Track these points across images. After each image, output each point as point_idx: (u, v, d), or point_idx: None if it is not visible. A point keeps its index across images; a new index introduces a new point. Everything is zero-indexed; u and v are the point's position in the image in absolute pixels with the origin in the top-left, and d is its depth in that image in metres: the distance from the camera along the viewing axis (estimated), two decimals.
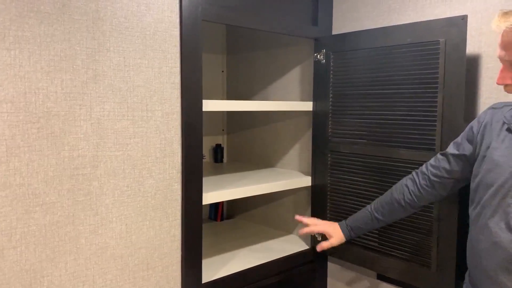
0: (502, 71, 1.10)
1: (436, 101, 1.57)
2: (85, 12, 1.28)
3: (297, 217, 1.77)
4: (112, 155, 1.37)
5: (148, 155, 1.45)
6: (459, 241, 1.52)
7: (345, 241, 1.66)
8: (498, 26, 1.07)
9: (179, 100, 1.52)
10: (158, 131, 1.47)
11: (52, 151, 1.25)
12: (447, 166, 1.35)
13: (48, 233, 1.27)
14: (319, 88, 1.99)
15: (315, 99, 2.01)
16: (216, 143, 2.65)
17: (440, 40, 1.55)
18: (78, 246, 1.32)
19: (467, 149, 1.30)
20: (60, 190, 1.28)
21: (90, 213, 1.34)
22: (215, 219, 2.57)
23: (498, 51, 1.11)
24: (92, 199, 1.34)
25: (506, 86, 1.11)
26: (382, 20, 1.88)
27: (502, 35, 1.08)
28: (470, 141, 1.29)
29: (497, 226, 1.13)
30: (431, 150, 1.59)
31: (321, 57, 1.96)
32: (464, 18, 1.49)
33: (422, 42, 1.60)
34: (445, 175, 1.36)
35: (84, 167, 1.32)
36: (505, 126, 1.17)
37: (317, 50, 1.98)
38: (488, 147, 1.20)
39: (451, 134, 1.53)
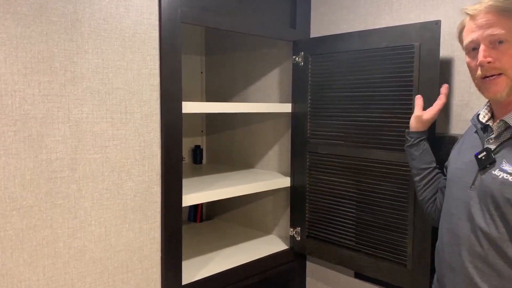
0: (484, 50, 1.09)
1: (411, 103, 1.60)
2: (63, 13, 1.27)
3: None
4: (91, 157, 1.36)
5: (127, 158, 1.45)
6: (435, 240, 1.56)
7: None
8: (474, 9, 1.10)
9: (158, 102, 1.51)
10: (137, 133, 1.47)
11: (29, 154, 1.24)
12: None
13: (26, 237, 1.25)
14: (297, 90, 2.01)
15: (294, 101, 2.04)
16: (195, 144, 2.65)
17: (415, 44, 1.59)
18: (56, 250, 1.31)
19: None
20: (38, 193, 1.26)
21: (69, 216, 1.33)
22: (194, 221, 2.57)
23: (474, 35, 1.10)
24: (70, 202, 1.33)
25: (484, 66, 1.10)
26: (359, 24, 1.92)
27: (479, 17, 1.09)
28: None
29: (458, 218, 1.17)
30: (404, 151, 1.62)
31: (300, 59, 1.98)
32: (437, 23, 1.54)
33: (397, 46, 1.64)
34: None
35: (62, 170, 1.30)
36: (474, 129, 1.24)
37: (296, 52, 2.00)
38: (458, 151, 1.28)
39: None
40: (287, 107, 2.05)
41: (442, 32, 1.60)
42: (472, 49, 1.13)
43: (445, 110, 1.65)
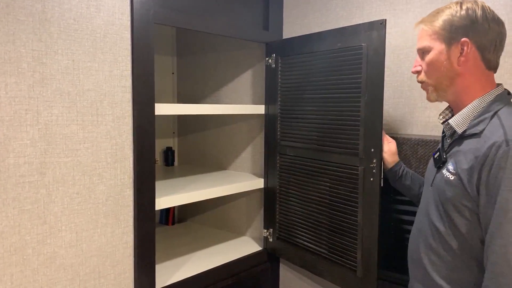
0: (416, 61, 1.25)
1: (359, 105, 1.59)
2: (31, 13, 1.23)
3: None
4: (61, 161, 1.32)
5: (99, 161, 1.42)
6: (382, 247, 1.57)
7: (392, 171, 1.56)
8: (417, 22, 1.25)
9: (130, 103, 1.49)
10: (109, 136, 1.44)
11: None
12: None
13: None
14: (270, 92, 2.02)
15: (267, 102, 2.04)
16: (167, 146, 2.62)
17: (363, 44, 1.58)
18: (24, 257, 1.27)
19: None
20: (5, 199, 1.21)
21: (38, 222, 1.28)
22: (166, 223, 2.54)
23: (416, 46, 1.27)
24: (39, 208, 1.28)
25: (418, 76, 1.25)
26: (331, 27, 1.93)
27: (418, 29, 1.25)
28: None
29: (421, 214, 1.27)
30: (355, 154, 1.62)
31: (272, 61, 1.99)
32: (382, 23, 1.52)
33: (349, 47, 1.64)
34: None
35: (31, 174, 1.26)
36: None
37: (268, 54, 2.01)
38: None
39: (371, 138, 1.56)
40: (260, 109, 2.05)
41: (411, 35, 1.64)
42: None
43: (410, 111, 1.69)
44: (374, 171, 1.55)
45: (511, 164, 0.99)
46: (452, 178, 1.12)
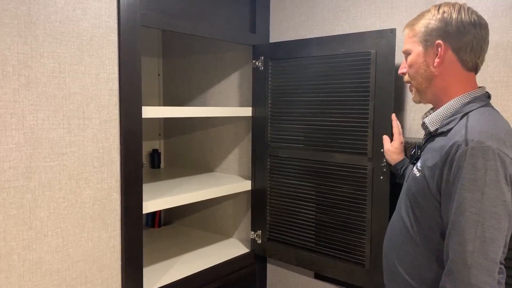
0: (402, 63, 1.27)
1: (368, 108, 1.65)
2: (16, 15, 1.21)
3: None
4: (47, 165, 1.30)
5: (85, 165, 1.40)
6: None
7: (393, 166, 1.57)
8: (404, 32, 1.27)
9: (117, 107, 1.48)
10: (96, 140, 1.42)
11: None
12: None
13: None
14: (258, 94, 2.02)
15: (254, 104, 2.05)
16: (153, 148, 2.60)
17: (371, 51, 1.64)
18: (10, 263, 1.25)
19: None
20: None
21: (23, 227, 1.27)
22: (153, 226, 2.52)
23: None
24: (25, 213, 1.27)
25: (404, 76, 1.26)
26: (317, 30, 1.95)
27: (404, 32, 1.26)
28: None
29: (396, 210, 1.29)
30: (363, 154, 1.68)
31: (259, 64, 1.99)
32: (393, 31, 1.59)
33: (355, 53, 1.69)
34: None
35: (16, 179, 1.24)
36: None
37: (256, 57, 2.01)
38: None
39: (381, 139, 1.62)
40: (247, 111, 2.06)
41: (397, 40, 1.67)
42: None
43: (402, 114, 1.71)
44: (384, 170, 1.62)
45: (468, 164, 1.02)
46: (418, 174, 1.15)
